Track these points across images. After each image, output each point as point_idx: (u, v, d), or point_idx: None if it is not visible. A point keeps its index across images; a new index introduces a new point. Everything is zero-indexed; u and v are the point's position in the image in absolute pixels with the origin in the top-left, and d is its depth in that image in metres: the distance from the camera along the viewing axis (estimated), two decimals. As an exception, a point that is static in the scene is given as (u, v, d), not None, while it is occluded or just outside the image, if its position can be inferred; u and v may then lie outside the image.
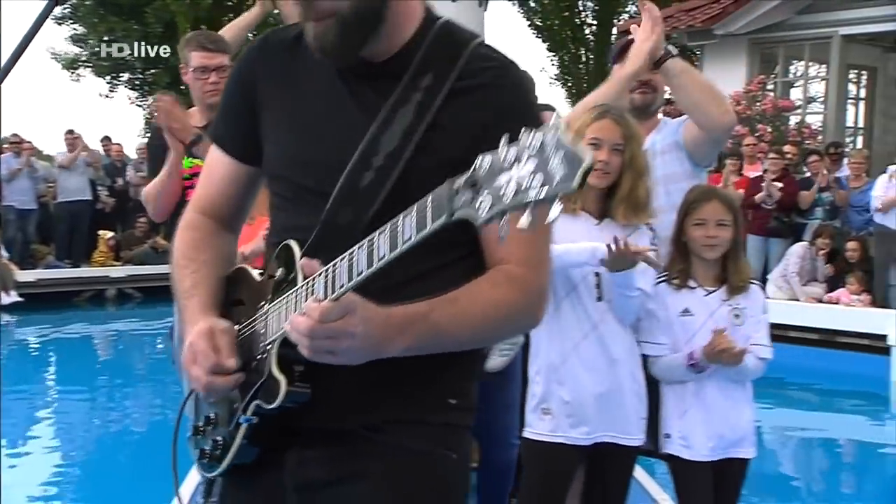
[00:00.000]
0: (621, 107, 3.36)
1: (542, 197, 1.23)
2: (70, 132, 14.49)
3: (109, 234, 14.64)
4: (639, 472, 4.39)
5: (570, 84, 26.77)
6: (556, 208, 1.20)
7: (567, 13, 26.29)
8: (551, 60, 27.22)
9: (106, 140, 15.77)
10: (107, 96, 26.10)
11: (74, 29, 24.98)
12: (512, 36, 52.70)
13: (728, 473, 3.47)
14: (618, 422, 3.31)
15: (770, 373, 3.72)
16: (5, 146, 14.44)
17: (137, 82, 25.82)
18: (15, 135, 14.47)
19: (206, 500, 2.18)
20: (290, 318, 1.54)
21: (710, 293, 3.42)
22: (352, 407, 1.70)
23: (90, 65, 25.34)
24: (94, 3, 23.54)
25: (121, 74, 25.62)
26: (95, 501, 5.98)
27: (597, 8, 26.14)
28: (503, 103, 1.70)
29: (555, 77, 27.24)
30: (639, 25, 3.46)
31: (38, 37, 1.93)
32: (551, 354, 3.30)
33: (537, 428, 3.32)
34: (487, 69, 1.72)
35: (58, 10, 24.36)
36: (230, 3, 23.94)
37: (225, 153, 1.89)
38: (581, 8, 26.40)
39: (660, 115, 3.82)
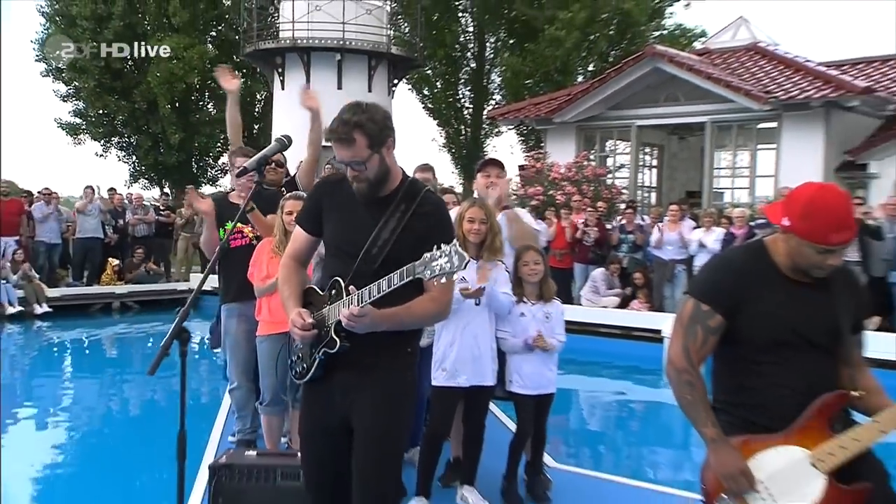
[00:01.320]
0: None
1: (449, 272, 2.11)
2: (88, 187, 14.36)
3: (115, 261, 14.49)
4: (495, 409, 5.03)
5: (453, 150, 26.71)
6: (456, 277, 2.07)
7: (451, 99, 26.31)
8: (440, 133, 27.06)
9: (112, 190, 15.56)
10: (101, 155, 25.36)
11: (76, 104, 24.50)
12: (411, 115, 52.75)
13: (544, 402, 4.25)
14: (481, 373, 4.03)
15: (585, 356, 4.11)
16: (36, 196, 14.31)
17: (124, 144, 25.23)
18: (46, 188, 14.35)
19: (293, 398, 3.13)
20: (341, 311, 2.35)
21: (534, 304, 4.22)
22: (366, 355, 2.46)
23: (88, 132, 24.72)
24: (94, 85, 23.23)
25: (112, 138, 24.98)
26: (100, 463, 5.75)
27: (472, 96, 26.21)
28: (437, 219, 2.49)
29: (442, 145, 27.16)
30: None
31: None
32: (446, 336, 4.04)
33: (438, 379, 4.06)
34: (429, 202, 2.49)
35: (63, 90, 24.00)
36: (197, 87, 23.93)
37: (304, 231, 2.64)
38: (460, 96, 26.44)
39: (515, 207, 4.67)
